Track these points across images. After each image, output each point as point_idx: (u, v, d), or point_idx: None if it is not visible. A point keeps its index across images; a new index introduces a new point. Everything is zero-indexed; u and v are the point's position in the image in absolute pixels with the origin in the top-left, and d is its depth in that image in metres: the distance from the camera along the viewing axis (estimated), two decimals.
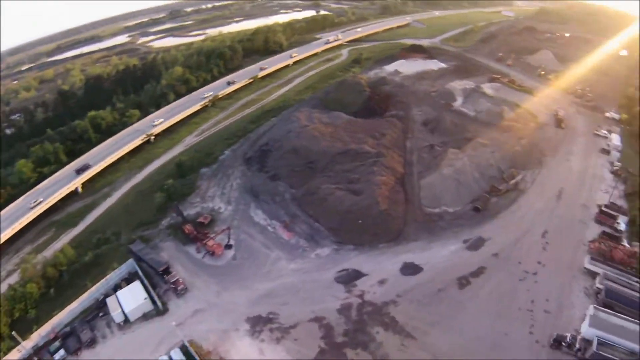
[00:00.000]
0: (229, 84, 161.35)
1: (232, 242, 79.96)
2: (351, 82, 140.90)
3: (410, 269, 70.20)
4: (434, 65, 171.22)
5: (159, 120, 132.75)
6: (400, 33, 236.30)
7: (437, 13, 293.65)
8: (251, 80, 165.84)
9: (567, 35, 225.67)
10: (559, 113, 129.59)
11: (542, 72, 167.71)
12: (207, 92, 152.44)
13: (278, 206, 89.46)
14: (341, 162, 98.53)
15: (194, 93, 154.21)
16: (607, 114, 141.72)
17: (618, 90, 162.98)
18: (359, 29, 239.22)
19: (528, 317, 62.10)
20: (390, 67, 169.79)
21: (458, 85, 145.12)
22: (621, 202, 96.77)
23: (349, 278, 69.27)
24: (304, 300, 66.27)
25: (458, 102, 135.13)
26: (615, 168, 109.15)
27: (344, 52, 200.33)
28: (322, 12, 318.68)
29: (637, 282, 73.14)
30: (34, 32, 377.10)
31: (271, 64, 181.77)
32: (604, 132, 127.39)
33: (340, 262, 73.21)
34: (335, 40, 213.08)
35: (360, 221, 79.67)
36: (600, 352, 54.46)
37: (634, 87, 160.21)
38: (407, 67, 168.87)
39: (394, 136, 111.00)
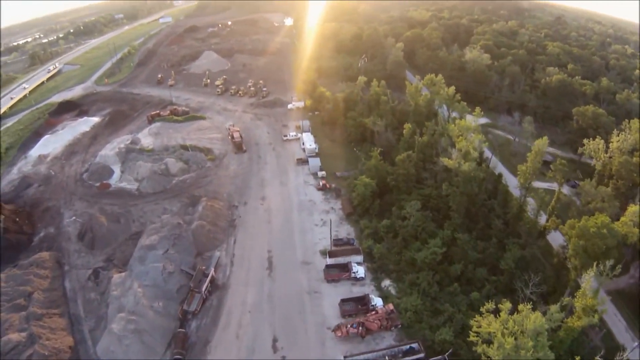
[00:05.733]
0: None
1: None
2: None
3: None
4: (85, 125, 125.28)
5: None
6: (51, 87, 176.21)
7: (93, 43, 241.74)
8: None
9: (229, 23, 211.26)
10: (234, 134, 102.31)
11: (208, 80, 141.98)
12: None
13: None
14: None
15: None
16: (290, 105, 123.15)
17: (290, 70, 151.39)
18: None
19: None
20: (34, 152, 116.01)
21: (111, 148, 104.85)
22: (345, 228, 76.28)
23: None
24: None
25: (116, 175, 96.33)
26: (321, 180, 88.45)
27: None
28: None
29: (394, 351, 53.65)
30: None
31: None
32: (292, 134, 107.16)
33: None
34: None
35: None
36: None
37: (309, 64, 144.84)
38: (53, 143, 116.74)
39: (45, 285, 68.55)
